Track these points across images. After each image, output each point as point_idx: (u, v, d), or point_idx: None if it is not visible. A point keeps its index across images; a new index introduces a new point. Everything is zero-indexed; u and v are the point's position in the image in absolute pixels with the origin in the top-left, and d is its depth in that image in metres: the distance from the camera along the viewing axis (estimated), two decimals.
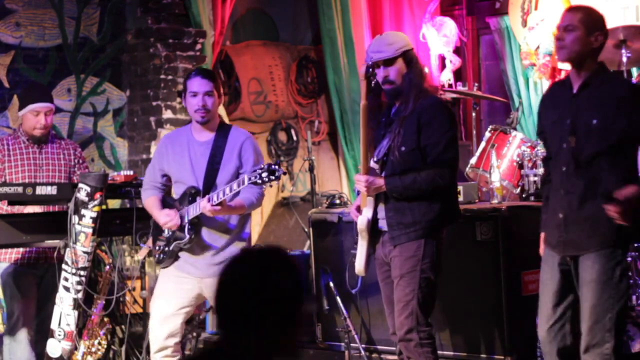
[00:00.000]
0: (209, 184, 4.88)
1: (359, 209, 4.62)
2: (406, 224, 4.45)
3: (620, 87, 4.17)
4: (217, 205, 4.70)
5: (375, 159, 4.56)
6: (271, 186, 4.63)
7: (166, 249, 4.98)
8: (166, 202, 5.05)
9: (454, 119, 4.55)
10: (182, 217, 4.91)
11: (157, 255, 5.05)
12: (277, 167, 4.53)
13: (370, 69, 4.43)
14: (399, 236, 4.48)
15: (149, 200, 5.08)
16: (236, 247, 4.97)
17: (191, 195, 4.90)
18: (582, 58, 4.17)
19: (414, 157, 4.42)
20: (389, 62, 4.50)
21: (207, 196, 4.75)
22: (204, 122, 4.94)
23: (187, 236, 4.89)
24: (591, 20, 4.18)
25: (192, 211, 4.86)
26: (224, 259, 4.93)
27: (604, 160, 4.09)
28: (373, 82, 4.46)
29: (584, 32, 4.14)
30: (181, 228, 4.91)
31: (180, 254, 4.98)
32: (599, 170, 4.10)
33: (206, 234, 4.94)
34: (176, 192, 5.05)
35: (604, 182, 4.08)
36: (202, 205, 4.74)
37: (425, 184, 4.40)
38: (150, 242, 5.23)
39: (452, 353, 5.33)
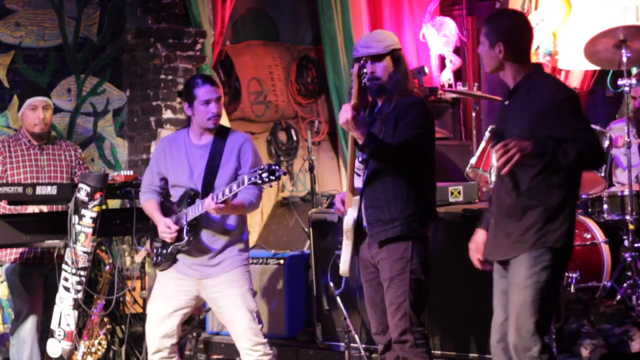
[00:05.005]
0: (208, 186, 4.88)
1: (343, 202, 4.62)
2: (384, 221, 4.46)
3: (545, 97, 4.01)
4: (221, 203, 4.70)
5: (360, 159, 4.56)
6: (271, 186, 4.63)
7: (164, 251, 4.98)
8: (165, 206, 5.05)
9: (431, 120, 4.53)
10: (180, 219, 4.91)
11: (154, 258, 5.04)
12: (277, 167, 4.54)
13: (364, 69, 4.40)
14: (378, 233, 4.49)
15: (148, 204, 5.08)
16: (235, 249, 4.97)
17: (190, 198, 4.90)
18: (498, 69, 4.13)
19: None
20: (377, 59, 4.51)
21: (211, 194, 4.75)
22: (215, 128, 4.96)
23: (186, 238, 4.89)
24: (492, 31, 4.10)
25: (192, 213, 4.85)
26: (222, 260, 4.94)
27: (524, 167, 4.00)
28: (364, 82, 4.43)
29: (488, 45, 4.10)
30: (180, 230, 4.90)
31: (178, 256, 4.98)
32: (520, 176, 4.04)
33: (205, 235, 4.93)
34: (174, 196, 5.04)
35: (525, 188, 4.03)
36: (207, 203, 4.72)
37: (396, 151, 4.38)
38: (148, 244, 5.23)
39: (453, 353, 5.33)
